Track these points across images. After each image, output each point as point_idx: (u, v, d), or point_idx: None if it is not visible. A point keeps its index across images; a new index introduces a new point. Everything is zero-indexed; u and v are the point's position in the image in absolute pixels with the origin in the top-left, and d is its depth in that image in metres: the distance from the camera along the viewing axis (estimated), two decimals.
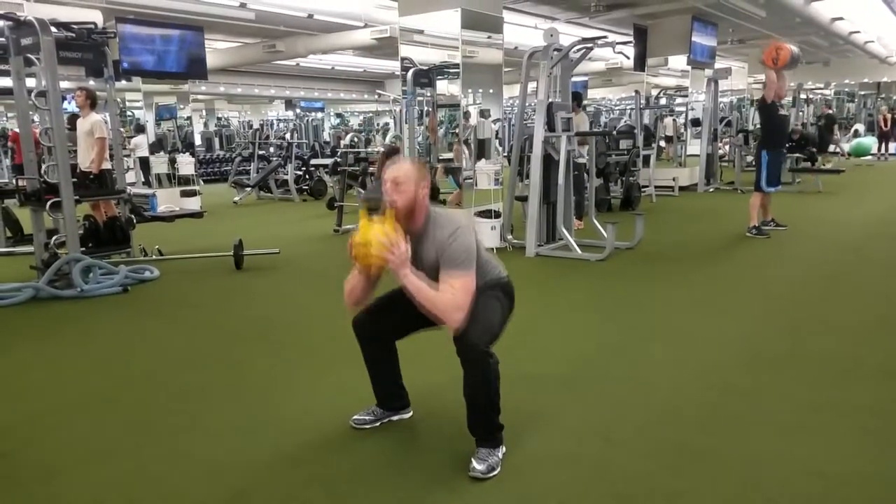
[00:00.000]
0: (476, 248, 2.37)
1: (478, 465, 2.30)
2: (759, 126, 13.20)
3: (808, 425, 2.68)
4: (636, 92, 11.85)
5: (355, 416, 2.72)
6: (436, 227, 2.36)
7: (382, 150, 9.52)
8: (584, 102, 20.54)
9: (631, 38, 11.23)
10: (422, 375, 2.80)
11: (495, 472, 2.30)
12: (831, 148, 16.78)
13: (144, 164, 10.57)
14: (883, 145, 17.46)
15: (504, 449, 2.41)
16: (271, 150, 13.87)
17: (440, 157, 7.95)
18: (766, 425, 2.68)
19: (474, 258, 2.34)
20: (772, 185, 6.77)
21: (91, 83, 8.09)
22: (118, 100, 8.82)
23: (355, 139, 18.79)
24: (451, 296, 2.26)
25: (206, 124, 23.27)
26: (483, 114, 6.97)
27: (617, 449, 2.50)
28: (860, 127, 19.63)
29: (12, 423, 2.89)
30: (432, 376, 3.03)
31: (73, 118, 6.97)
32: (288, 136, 19.18)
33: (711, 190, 11.34)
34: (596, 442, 2.56)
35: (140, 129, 11.17)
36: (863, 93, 23.54)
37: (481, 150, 6.93)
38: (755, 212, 6.85)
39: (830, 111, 16.80)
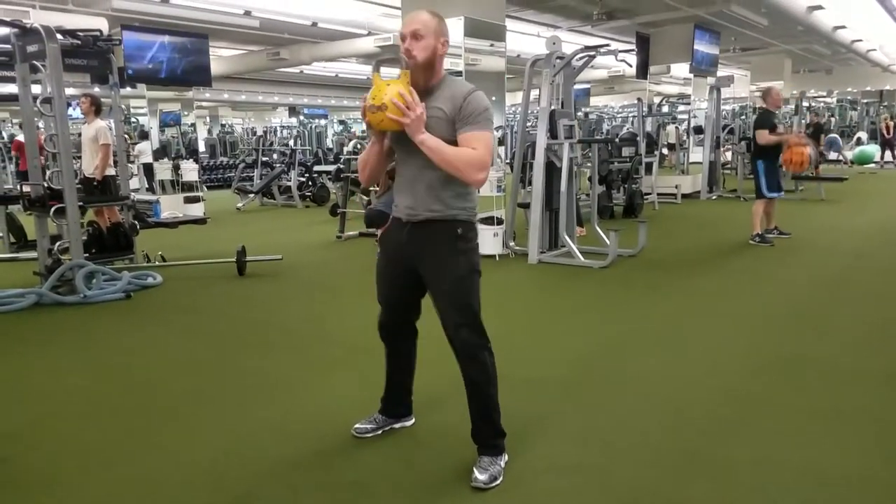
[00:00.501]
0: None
1: (480, 476, 2.29)
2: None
3: (812, 431, 2.67)
4: (638, 99, 11.87)
5: (357, 425, 2.71)
6: (452, 83, 2.28)
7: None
8: (586, 110, 20.65)
9: (633, 47, 11.26)
10: (424, 384, 2.80)
11: (497, 482, 2.29)
12: (833, 156, 16.77)
13: (148, 170, 10.61)
14: (887, 153, 17.44)
15: (506, 457, 2.40)
16: (275, 156, 13.91)
17: None
18: (770, 431, 2.67)
19: (492, 117, 2.26)
20: (773, 191, 6.75)
21: (96, 90, 8.14)
22: (123, 106, 8.87)
23: (358, 146, 18.83)
24: (472, 153, 2.15)
25: (209, 131, 23.36)
26: None
27: (620, 456, 2.49)
28: (863, 135, 19.61)
29: (15, 429, 2.89)
30: (434, 385, 3.02)
31: None
32: (291, 142, 19.25)
33: (714, 197, 11.34)
34: (599, 449, 2.55)
35: (144, 135, 11.23)
36: (865, 101, 23.54)
37: None
38: (758, 220, 6.84)
39: (819, 120, 16.77)
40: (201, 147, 16.00)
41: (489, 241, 6.42)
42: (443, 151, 2.15)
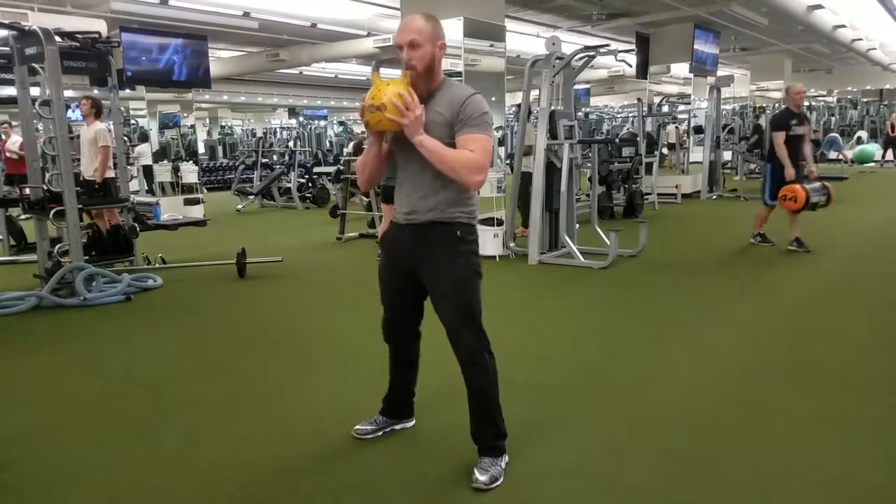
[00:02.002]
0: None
1: (480, 476, 2.28)
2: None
3: (815, 435, 2.65)
4: (638, 99, 11.87)
5: (357, 426, 2.70)
6: (452, 86, 2.27)
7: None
8: (586, 110, 20.64)
9: (633, 47, 11.26)
10: (424, 385, 2.79)
11: (498, 483, 2.29)
12: (833, 155, 16.77)
13: (148, 172, 10.60)
14: (889, 152, 17.43)
15: (507, 458, 2.39)
16: (274, 158, 13.91)
17: None
18: (772, 436, 2.65)
19: (491, 121, 2.25)
20: (775, 200, 6.35)
21: (95, 92, 8.13)
22: (122, 108, 8.86)
23: (359, 147, 18.79)
24: (469, 155, 2.15)
25: (209, 132, 23.35)
26: None
27: (622, 459, 2.48)
28: (863, 134, 19.61)
29: (15, 433, 2.88)
30: (435, 386, 3.01)
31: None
32: (291, 144, 19.24)
33: (714, 197, 11.33)
34: (601, 452, 2.54)
35: (144, 137, 11.22)
36: (865, 100, 23.53)
37: None
38: (759, 220, 6.72)
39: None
40: (201, 149, 15.99)
41: (489, 242, 6.41)
42: (440, 153, 2.15)
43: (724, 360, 3.57)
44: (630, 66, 9.88)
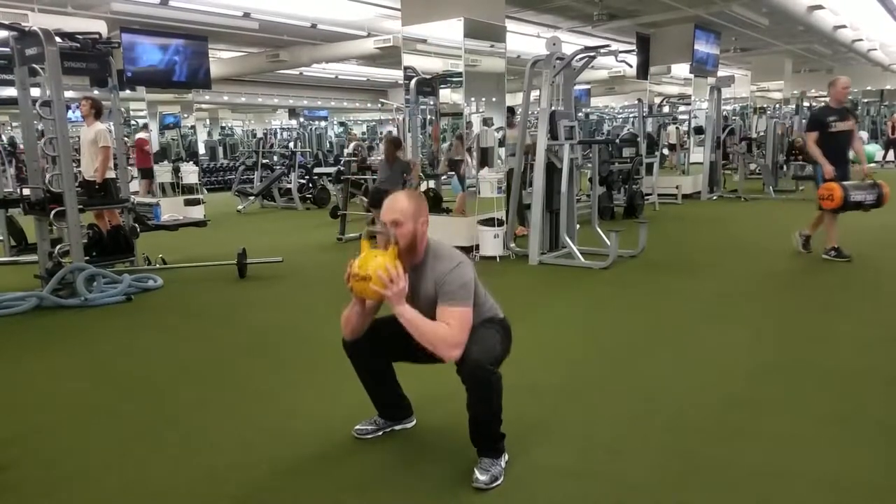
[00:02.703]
0: (475, 284, 2.34)
1: (481, 476, 2.28)
2: (761, 134, 13.22)
3: (816, 436, 2.65)
4: (639, 100, 11.86)
5: (357, 426, 2.71)
6: (436, 259, 2.35)
7: (387, 137, 9.64)
8: (587, 111, 20.63)
9: (633, 47, 11.26)
10: (424, 385, 2.79)
11: (498, 483, 2.29)
12: None
13: (148, 173, 10.60)
14: (889, 153, 17.41)
15: (507, 458, 2.39)
16: (275, 158, 13.91)
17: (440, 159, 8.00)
18: (773, 436, 2.65)
19: (472, 293, 2.31)
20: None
21: (95, 93, 8.13)
22: (122, 109, 8.86)
23: (359, 147, 18.84)
24: (446, 329, 2.23)
25: (209, 133, 23.36)
26: (486, 122, 6.98)
27: (622, 460, 2.48)
28: (864, 134, 19.58)
29: (15, 435, 2.88)
30: (435, 386, 3.01)
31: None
32: (291, 144, 19.25)
33: (715, 198, 11.33)
34: (600, 453, 2.54)
35: None
36: (866, 101, 23.51)
37: (484, 158, 6.93)
38: (832, 231, 6.00)
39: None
40: (201, 149, 15.99)
41: (490, 243, 6.41)
42: (419, 326, 2.24)
43: (724, 360, 3.56)
44: (630, 66, 9.87)
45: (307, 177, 12.46)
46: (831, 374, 3.31)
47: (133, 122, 12.27)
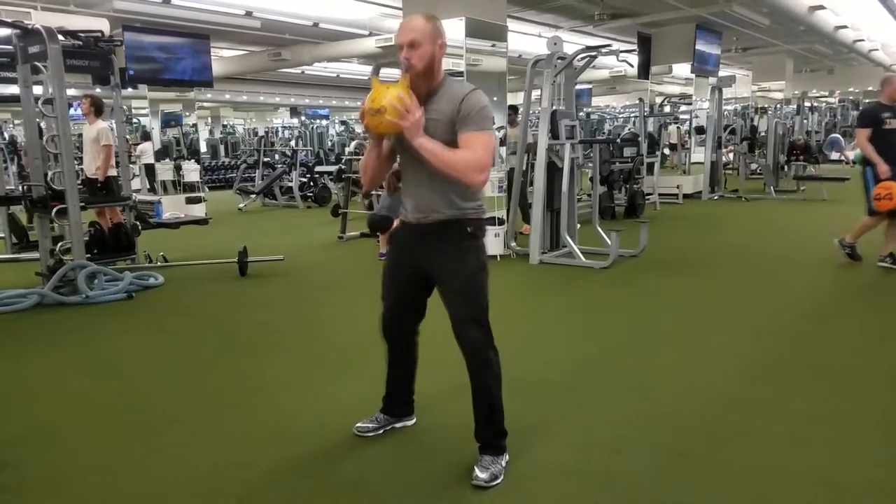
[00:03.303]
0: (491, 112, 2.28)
1: (481, 474, 2.29)
2: (763, 133, 13.21)
3: (815, 435, 2.66)
4: (640, 100, 11.86)
5: (358, 424, 2.71)
6: (451, 84, 2.27)
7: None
8: (588, 110, 20.61)
9: (635, 47, 11.25)
10: (425, 384, 2.80)
11: (498, 481, 2.29)
12: (835, 156, 16.74)
13: (150, 170, 10.62)
14: None
15: (507, 457, 2.40)
16: (276, 157, 13.92)
17: None
18: (772, 435, 2.66)
19: (492, 118, 2.25)
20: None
21: (97, 91, 8.14)
22: (124, 107, 8.87)
23: (361, 146, 18.83)
24: (471, 154, 2.15)
25: (211, 131, 23.37)
26: None
27: (622, 458, 2.49)
28: None
29: (18, 433, 2.88)
30: (436, 385, 3.02)
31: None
32: (293, 143, 19.25)
33: (716, 198, 11.33)
34: (600, 451, 2.55)
35: (146, 136, 11.24)
36: (867, 101, 23.49)
37: None
38: (859, 228, 5.81)
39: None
40: (203, 148, 16.02)
41: (491, 242, 6.41)
42: (441, 154, 2.15)
43: (724, 359, 3.57)
44: (632, 66, 9.88)
45: (308, 175, 12.47)
46: (830, 373, 3.31)
47: (135, 122, 12.30)
